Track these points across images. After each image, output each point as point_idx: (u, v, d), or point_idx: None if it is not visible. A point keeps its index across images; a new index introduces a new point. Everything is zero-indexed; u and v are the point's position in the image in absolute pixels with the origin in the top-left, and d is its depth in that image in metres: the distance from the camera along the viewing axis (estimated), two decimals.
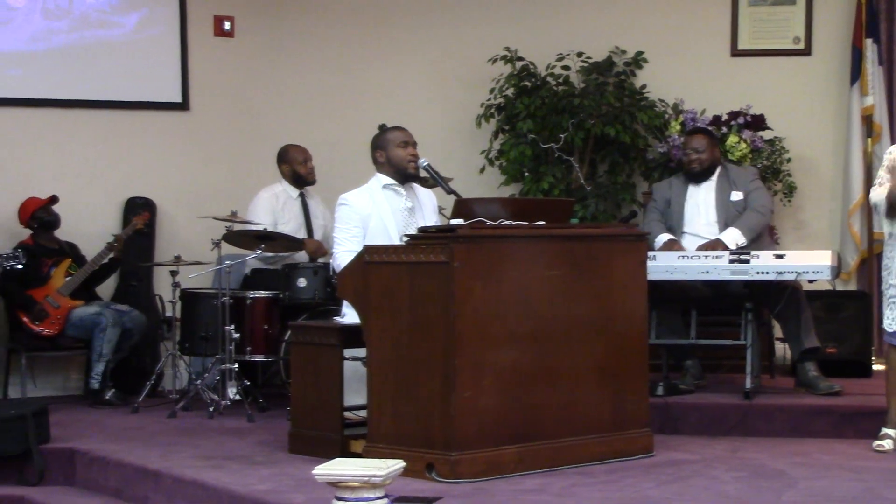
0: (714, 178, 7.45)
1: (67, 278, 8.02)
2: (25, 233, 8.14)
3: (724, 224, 7.31)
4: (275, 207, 8.05)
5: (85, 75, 8.66)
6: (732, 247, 7.08)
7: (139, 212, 8.40)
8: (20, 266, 7.25)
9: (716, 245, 7.12)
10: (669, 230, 7.42)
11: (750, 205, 7.34)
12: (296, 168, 8.13)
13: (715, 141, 7.67)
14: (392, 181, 6.44)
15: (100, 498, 6.05)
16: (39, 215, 8.08)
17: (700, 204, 7.42)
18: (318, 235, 8.12)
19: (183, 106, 8.93)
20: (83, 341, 7.98)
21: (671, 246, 7.26)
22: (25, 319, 7.90)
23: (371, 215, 6.37)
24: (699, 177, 7.45)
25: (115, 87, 8.72)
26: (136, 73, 8.79)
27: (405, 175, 6.44)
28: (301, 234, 8.01)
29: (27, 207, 8.09)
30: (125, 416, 7.41)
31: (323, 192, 8.22)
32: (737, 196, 7.37)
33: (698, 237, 7.33)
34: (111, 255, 8.07)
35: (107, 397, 7.85)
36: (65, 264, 8.08)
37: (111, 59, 8.72)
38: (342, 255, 6.30)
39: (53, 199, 8.09)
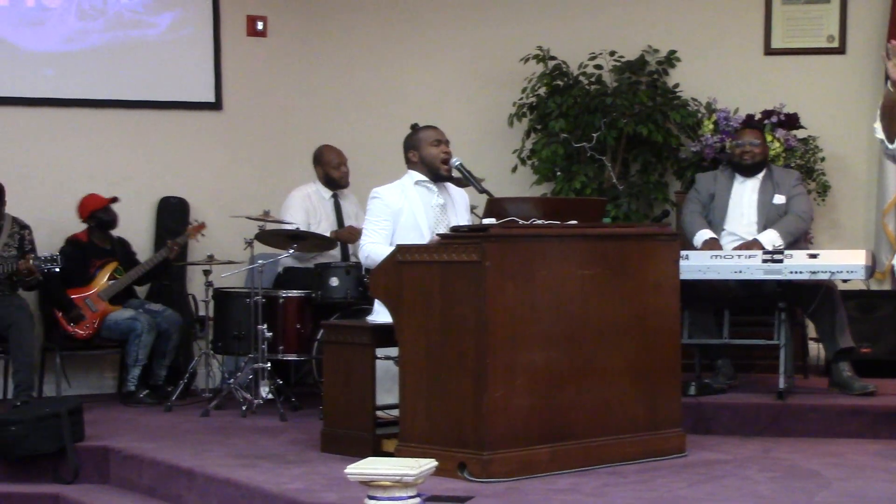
0: (759, 177, 7.39)
1: (111, 282, 8.05)
2: (64, 228, 8.17)
3: (764, 227, 7.25)
4: (308, 207, 8.06)
5: (118, 75, 8.70)
6: (769, 248, 7.03)
7: (194, 222, 8.40)
8: (57, 270, 7.30)
9: (752, 245, 7.08)
10: (709, 225, 7.38)
11: (791, 209, 7.29)
12: (329, 172, 8.11)
13: (765, 139, 7.65)
14: (425, 178, 6.45)
15: (133, 496, 6.08)
16: (99, 215, 8.09)
17: (743, 204, 7.35)
18: None
19: (216, 106, 8.96)
20: (116, 341, 8.02)
21: (712, 246, 7.20)
22: (61, 318, 7.93)
23: (402, 210, 6.37)
24: (747, 171, 7.39)
25: (148, 87, 8.76)
26: (170, 73, 8.83)
27: (438, 175, 6.44)
28: None
29: (87, 205, 8.09)
30: (158, 415, 7.44)
31: (355, 191, 8.22)
32: (779, 199, 7.31)
33: (736, 237, 7.28)
34: (165, 257, 8.08)
35: (140, 396, 7.89)
36: (110, 267, 8.09)
37: (145, 60, 8.75)
38: (368, 247, 6.31)
39: (114, 200, 8.12)
